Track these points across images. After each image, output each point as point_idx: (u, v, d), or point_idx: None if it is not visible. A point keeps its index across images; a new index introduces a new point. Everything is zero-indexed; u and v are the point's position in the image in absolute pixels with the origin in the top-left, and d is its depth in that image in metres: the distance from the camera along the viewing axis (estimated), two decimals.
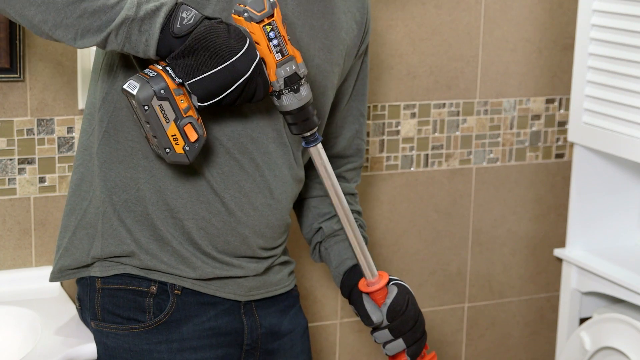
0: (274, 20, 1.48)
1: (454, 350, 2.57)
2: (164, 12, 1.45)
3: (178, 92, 1.47)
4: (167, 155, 1.49)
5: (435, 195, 2.46)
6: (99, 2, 1.43)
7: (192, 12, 1.45)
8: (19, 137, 2.04)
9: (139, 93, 1.45)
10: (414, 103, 2.39)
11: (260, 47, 1.49)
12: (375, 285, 1.71)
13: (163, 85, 1.46)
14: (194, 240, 1.66)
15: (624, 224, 2.49)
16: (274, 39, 1.49)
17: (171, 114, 1.47)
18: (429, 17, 2.36)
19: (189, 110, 1.48)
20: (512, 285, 2.59)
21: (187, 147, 1.49)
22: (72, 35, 1.45)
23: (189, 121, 1.48)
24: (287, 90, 1.52)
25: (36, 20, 1.44)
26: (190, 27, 1.45)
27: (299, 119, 1.55)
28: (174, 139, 1.48)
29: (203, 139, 1.50)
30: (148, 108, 1.45)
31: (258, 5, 1.48)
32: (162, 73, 1.46)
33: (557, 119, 2.55)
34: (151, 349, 1.67)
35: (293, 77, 1.52)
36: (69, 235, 1.71)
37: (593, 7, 2.30)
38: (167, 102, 1.46)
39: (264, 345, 1.77)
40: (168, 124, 1.47)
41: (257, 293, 1.75)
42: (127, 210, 1.65)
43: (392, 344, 1.72)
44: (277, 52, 1.50)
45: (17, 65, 2.00)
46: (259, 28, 1.48)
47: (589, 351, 2.33)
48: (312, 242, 1.88)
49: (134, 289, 1.68)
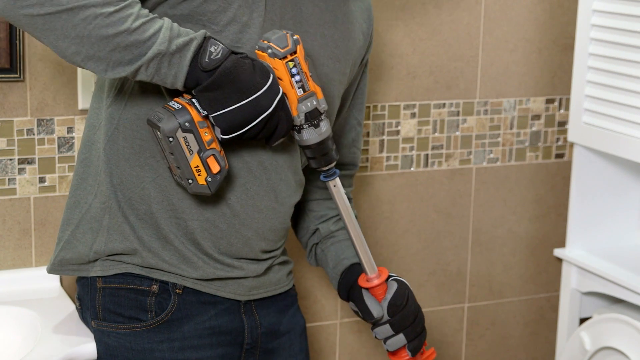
0: (296, 56, 1.53)
1: (454, 350, 2.57)
2: (193, 46, 1.48)
3: (202, 124, 1.50)
4: (190, 186, 1.53)
5: (435, 195, 2.46)
6: (131, 37, 1.45)
7: (220, 47, 1.49)
8: (19, 137, 2.04)
9: (164, 125, 1.48)
10: (414, 103, 2.39)
11: (283, 83, 1.53)
12: (375, 281, 1.71)
13: (188, 118, 1.49)
14: (196, 241, 1.66)
15: (624, 224, 2.49)
16: (296, 75, 1.53)
17: (195, 146, 1.50)
18: (429, 17, 2.36)
19: (212, 142, 1.52)
20: (512, 285, 2.59)
21: (209, 178, 1.53)
22: (104, 67, 1.47)
23: (212, 153, 1.52)
24: (308, 125, 1.56)
25: (69, 52, 1.46)
26: (218, 62, 1.48)
27: (318, 153, 1.59)
28: (196, 171, 1.51)
29: (225, 170, 1.54)
30: (173, 140, 1.49)
31: (282, 42, 1.52)
32: (187, 106, 1.50)
33: (557, 119, 2.55)
34: (153, 348, 1.67)
35: (314, 112, 1.56)
36: (72, 228, 1.72)
37: (593, 7, 2.30)
38: (192, 135, 1.50)
39: (263, 344, 1.78)
40: (191, 155, 1.51)
41: (256, 293, 1.76)
42: (131, 208, 1.66)
43: (392, 339, 1.73)
44: (299, 88, 1.54)
45: (17, 65, 2.00)
46: (282, 64, 1.52)
47: (589, 351, 2.33)
48: (309, 245, 1.89)
49: (135, 288, 1.68)
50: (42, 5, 1.42)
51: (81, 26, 1.43)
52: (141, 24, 1.45)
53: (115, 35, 1.44)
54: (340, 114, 1.84)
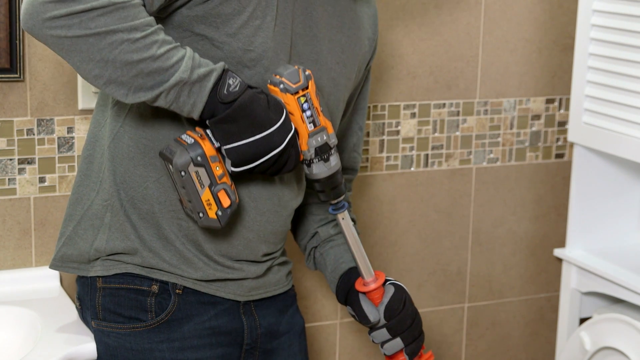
0: (308, 92, 1.55)
1: (454, 350, 2.57)
2: (214, 77, 1.49)
3: (214, 159, 1.52)
4: (200, 220, 1.54)
5: (435, 195, 2.46)
6: (155, 64, 1.46)
7: (238, 80, 1.51)
8: (19, 137, 2.04)
9: (177, 159, 1.50)
10: (414, 103, 2.39)
11: (294, 118, 1.55)
12: (372, 285, 1.71)
13: (200, 153, 1.51)
14: (197, 242, 1.67)
15: (624, 224, 2.49)
16: (307, 110, 1.55)
17: (206, 180, 1.52)
18: (429, 17, 2.36)
19: (224, 177, 1.53)
20: (512, 285, 2.59)
21: (219, 212, 1.54)
22: (125, 91, 1.48)
23: (223, 187, 1.53)
24: (318, 160, 1.58)
25: (92, 75, 1.47)
26: (236, 95, 1.50)
27: (327, 186, 1.61)
28: (207, 204, 1.53)
29: (235, 204, 1.55)
30: (185, 174, 1.51)
31: (294, 77, 1.54)
32: (200, 140, 1.52)
33: (557, 119, 2.55)
34: (153, 348, 1.68)
35: (324, 147, 1.58)
36: (74, 225, 1.72)
37: (593, 7, 2.30)
38: (203, 169, 1.52)
39: (263, 344, 1.78)
40: (203, 189, 1.52)
41: (256, 293, 1.76)
42: (133, 207, 1.66)
43: (390, 343, 1.73)
44: (310, 123, 1.56)
45: (17, 65, 2.00)
46: (293, 99, 1.54)
47: (589, 351, 2.33)
48: (307, 248, 1.89)
49: (135, 288, 1.68)
50: (70, 27, 1.42)
51: (107, 50, 1.44)
52: (165, 51, 1.47)
53: (139, 61, 1.45)
54: (342, 118, 1.84)
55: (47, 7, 1.41)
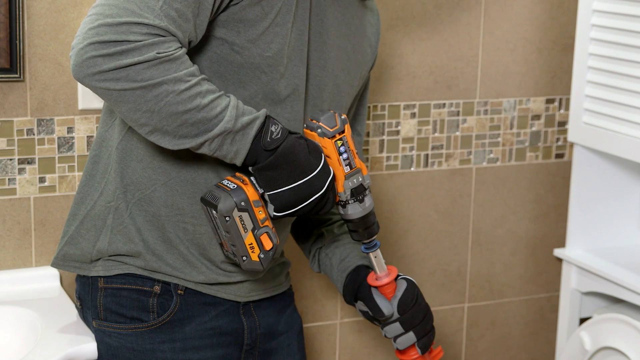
0: (344, 136, 1.58)
1: (454, 350, 2.57)
2: (257, 125, 1.52)
3: (257, 204, 1.54)
4: (244, 263, 1.57)
5: (435, 195, 2.46)
6: (200, 115, 1.48)
7: (279, 127, 1.53)
8: (19, 137, 2.04)
9: (222, 205, 1.52)
10: (414, 103, 2.39)
11: (331, 161, 1.58)
12: (385, 279, 1.72)
13: (244, 198, 1.53)
14: (202, 247, 1.67)
15: (624, 224, 2.49)
16: (344, 153, 1.59)
17: (249, 224, 1.54)
18: (429, 17, 2.36)
19: (266, 220, 1.56)
20: (512, 285, 2.59)
21: (262, 255, 1.56)
22: (169, 139, 1.50)
23: (265, 231, 1.56)
24: (353, 201, 1.61)
25: (138, 123, 1.49)
26: (279, 142, 1.53)
27: (361, 226, 1.64)
28: (250, 248, 1.55)
29: (276, 247, 1.57)
30: (229, 219, 1.53)
31: (331, 121, 1.57)
32: (242, 185, 1.54)
33: (557, 119, 2.55)
34: (154, 349, 1.68)
35: (359, 188, 1.61)
36: (77, 224, 1.72)
37: (593, 7, 2.30)
38: (247, 214, 1.54)
39: (262, 345, 1.78)
40: (246, 233, 1.54)
41: (256, 294, 1.77)
42: (139, 209, 1.66)
43: (402, 337, 1.73)
44: (346, 165, 1.59)
45: (17, 65, 2.00)
46: (331, 143, 1.58)
47: (589, 351, 2.33)
48: (312, 250, 1.89)
49: (137, 288, 1.68)
50: (118, 80, 1.44)
51: (153, 102, 1.46)
52: (210, 101, 1.48)
53: (185, 112, 1.47)
54: None
55: (96, 61, 1.44)
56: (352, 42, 1.74)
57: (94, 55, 1.43)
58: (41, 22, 2.01)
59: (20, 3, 1.97)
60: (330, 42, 1.68)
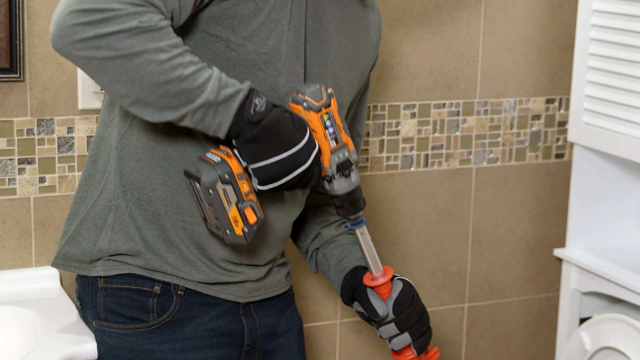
0: (331, 109, 1.56)
1: (454, 350, 2.57)
2: (240, 98, 1.50)
3: (241, 176, 1.53)
4: (227, 237, 1.55)
5: (435, 195, 2.46)
6: (182, 85, 1.46)
7: (264, 100, 1.51)
8: (19, 137, 2.04)
9: (205, 177, 1.51)
10: (414, 103, 2.39)
11: (317, 135, 1.56)
12: (381, 279, 1.72)
13: (227, 170, 1.51)
14: (202, 246, 1.67)
15: (624, 224, 2.49)
16: (330, 128, 1.57)
17: (233, 197, 1.53)
18: (429, 17, 2.36)
19: (250, 194, 1.54)
20: (512, 285, 2.59)
21: (246, 229, 1.55)
22: (151, 111, 1.49)
23: (250, 204, 1.54)
24: (339, 176, 1.59)
25: (119, 95, 1.47)
26: (262, 115, 1.51)
27: (347, 202, 1.62)
28: (234, 221, 1.54)
29: (261, 220, 1.56)
30: (213, 192, 1.51)
31: (317, 95, 1.55)
32: (226, 158, 1.52)
33: (557, 119, 2.55)
34: (154, 349, 1.67)
35: (345, 163, 1.59)
36: (77, 223, 1.72)
37: (593, 7, 2.30)
38: (230, 186, 1.52)
39: (262, 345, 1.78)
40: (230, 206, 1.53)
41: (256, 295, 1.76)
42: (139, 208, 1.66)
43: (398, 338, 1.72)
44: (332, 140, 1.57)
45: (17, 65, 2.00)
46: (317, 117, 1.56)
47: (589, 351, 2.33)
48: (309, 250, 1.89)
49: (137, 288, 1.68)
50: (99, 49, 1.43)
51: (134, 72, 1.44)
52: (192, 72, 1.47)
53: (166, 82, 1.45)
54: None
55: (76, 29, 1.42)
56: (354, 41, 1.74)
57: (75, 24, 1.42)
58: (41, 22, 2.01)
59: (20, 3, 1.97)
60: (329, 40, 1.68)
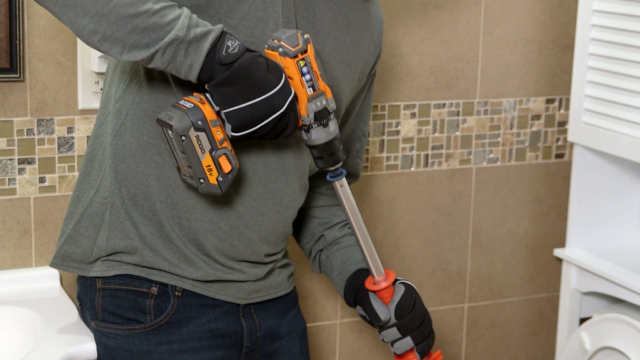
0: (307, 55, 1.52)
1: (454, 350, 2.57)
2: (211, 37, 1.47)
3: (214, 123, 1.49)
4: (201, 186, 1.52)
5: (435, 195, 2.46)
6: (151, 20, 1.44)
7: (237, 42, 1.48)
8: (19, 137, 2.04)
9: (177, 124, 1.47)
10: (414, 103, 2.39)
11: (293, 82, 1.52)
12: (383, 284, 1.71)
13: (201, 117, 1.48)
14: (198, 242, 1.66)
15: (624, 224, 2.49)
16: (307, 74, 1.52)
17: (207, 145, 1.49)
18: (429, 17, 2.36)
19: (224, 141, 1.51)
20: (512, 285, 2.59)
21: (220, 177, 1.51)
22: (120, 49, 1.46)
23: (224, 152, 1.51)
24: (317, 125, 1.55)
25: (86, 31, 1.45)
26: (235, 56, 1.47)
27: (325, 153, 1.58)
28: (208, 170, 1.50)
29: (236, 170, 1.53)
30: (185, 139, 1.48)
31: (292, 40, 1.51)
32: (200, 104, 1.49)
33: (557, 119, 2.55)
34: (151, 350, 1.67)
35: (323, 112, 1.55)
36: (74, 222, 1.72)
37: (593, 7, 2.30)
38: (204, 133, 1.49)
39: (262, 347, 1.77)
40: (203, 154, 1.49)
41: (257, 296, 1.76)
42: (135, 205, 1.65)
43: (400, 342, 1.72)
44: (309, 87, 1.53)
45: (17, 65, 2.00)
46: (293, 63, 1.51)
47: (589, 351, 2.33)
48: (313, 251, 1.88)
49: (134, 289, 1.68)
50: None
51: (101, 3, 1.42)
52: (162, 7, 1.45)
53: (135, 15, 1.43)
54: (346, 123, 1.84)
55: None
56: (352, 35, 1.72)
57: None
58: (41, 22, 2.01)
59: (20, 3, 1.97)
60: (324, 33, 1.67)
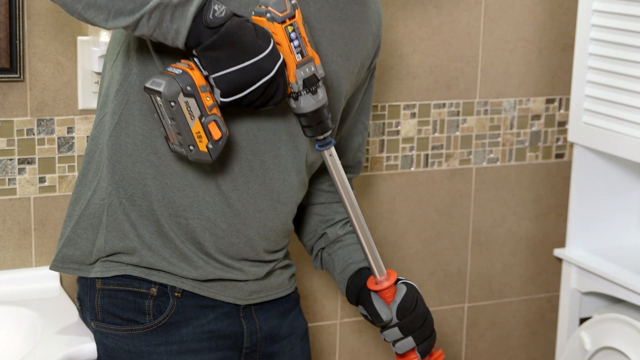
0: (295, 21, 1.50)
1: (454, 350, 2.57)
2: (197, 1, 1.45)
3: (204, 89, 1.47)
4: (191, 153, 1.49)
5: (435, 195, 2.46)
6: None
7: (223, 7, 1.46)
8: (19, 137, 2.04)
9: (165, 89, 1.45)
10: (414, 103, 2.39)
11: (281, 48, 1.50)
12: (384, 283, 1.71)
13: (190, 82, 1.46)
14: (197, 240, 1.66)
15: (624, 224, 2.49)
16: (295, 40, 1.50)
17: (196, 111, 1.47)
18: (429, 17, 2.36)
19: (214, 108, 1.48)
20: (512, 285, 2.59)
21: (210, 145, 1.49)
22: (104, 16, 1.45)
23: (214, 119, 1.48)
24: (305, 92, 1.53)
25: None
26: (222, 20, 1.45)
27: (314, 121, 1.56)
28: (197, 137, 1.48)
29: (226, 137, 1.50)
30: (175, 104, 1.46)
31: (280, 6, 1.49)
32: (188, 70, 1.47)
33: (557, 119, 2.55)
34: (150, 351, 1.67)
35: (311, 78, 1.53)
36: (72, 225, 1.72)
37: (593, 7, 2.30)
38: (193, 99, 1.47)
39: (263, 348, 1.77)
40: (193, 121, 1.47)
41: (257, 297, 1.75)
42: (133, 205, 1.65)
43: (401, 342, 1.72)
44: (298, 53, 1.51)
45: (17, 65, 2.00)
46: (281, 28, 1.49)
47: (589, 351, 2.33)
48: (315, 249, 1.88)
49: (134, 290, 1.67)
50: None
51: None
52: None
53: None
54: (347, 117, 1.84)
55: None
56: (350, 28, 1.71)
57: None
58: (41, 22, 2.01)
59: (20, 3, 1.97)
60: (320, 27, 1.66)
